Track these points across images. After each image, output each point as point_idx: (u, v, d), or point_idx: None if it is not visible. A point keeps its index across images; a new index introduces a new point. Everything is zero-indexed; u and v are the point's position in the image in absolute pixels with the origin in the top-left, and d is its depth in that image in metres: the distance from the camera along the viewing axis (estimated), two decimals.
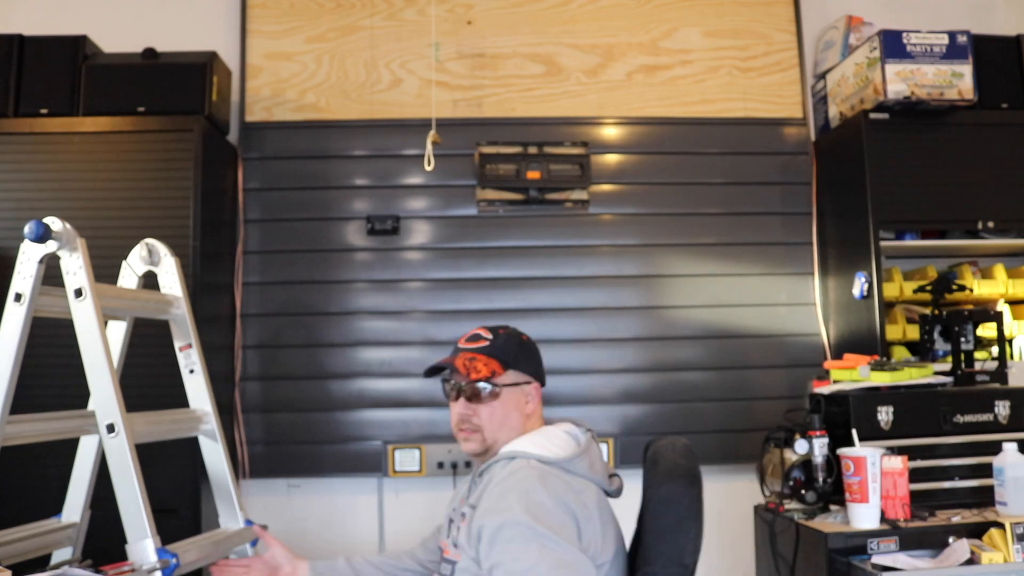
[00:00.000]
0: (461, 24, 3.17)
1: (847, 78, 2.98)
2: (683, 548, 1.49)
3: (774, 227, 3.13)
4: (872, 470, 2.05)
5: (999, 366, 2.52)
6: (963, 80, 2.76)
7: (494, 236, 3.06)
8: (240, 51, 3.09)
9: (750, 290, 3.10)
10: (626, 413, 3.02)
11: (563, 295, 3.05)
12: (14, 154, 2.62)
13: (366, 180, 3.06)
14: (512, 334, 1.69)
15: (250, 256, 3.00)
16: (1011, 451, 2.12)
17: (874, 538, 2.02)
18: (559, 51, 3.18)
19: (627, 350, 3.04)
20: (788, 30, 3.25)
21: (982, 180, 2.85)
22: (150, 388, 2.53)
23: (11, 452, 2.48)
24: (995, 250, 3.04)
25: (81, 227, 2.57)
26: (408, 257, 3.04)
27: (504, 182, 3.06)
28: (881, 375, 2.34)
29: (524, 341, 1.69)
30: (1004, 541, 1.98)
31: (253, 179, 3.03)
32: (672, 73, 3.20)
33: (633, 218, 3.10)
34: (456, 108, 3.11)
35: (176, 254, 2.59)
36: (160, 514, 2.47)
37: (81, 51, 2.71)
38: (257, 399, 2.94)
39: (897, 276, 2.92)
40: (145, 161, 2.63)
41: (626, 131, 3.15)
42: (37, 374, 2.53)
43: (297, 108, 3.08)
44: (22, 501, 2.48)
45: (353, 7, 3.15)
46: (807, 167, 3.17)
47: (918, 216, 2.85)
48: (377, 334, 2.99)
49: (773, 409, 2.91)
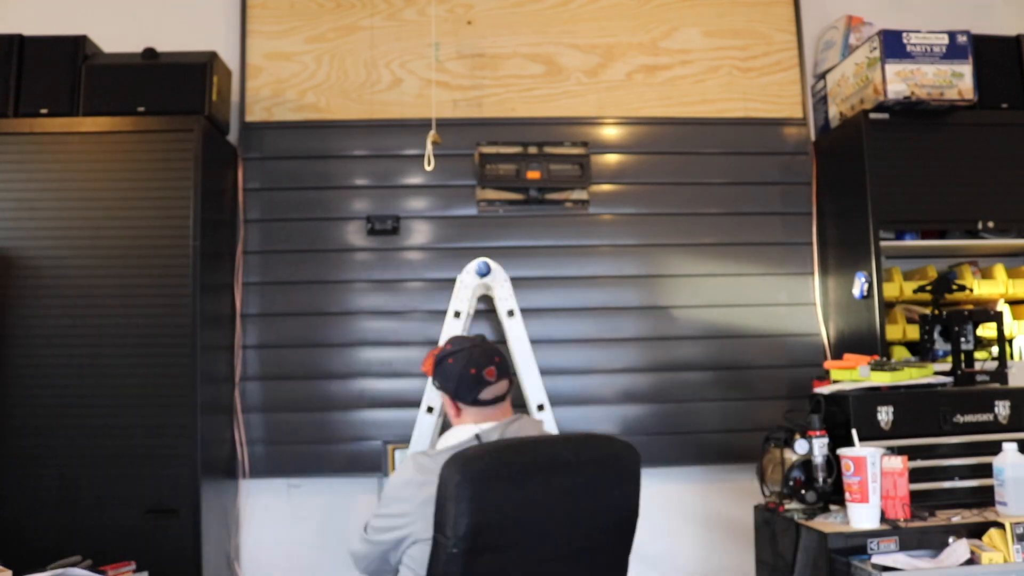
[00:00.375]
0: (461, 24, 3.17)
1: (847, 78, 2.98)
2: (445, 523, 1.62)
3: (774, 227, 3.13)
4: (872, 470, 2.05)
5: (999, 366, 2.53)
6: (963, 80, 2.76)
7: (494, 236, 3.05)
8: (240, 51, 3.09)
9: (750, 290, 3.10)
10: (626, 413, 3.02)
11: (563, 295, 3.05)
12: (14, 154, 2.62)
13: (366, 180, 3.06)
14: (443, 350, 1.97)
15: (250, 256, 3.00)
16: (1011, 451, 2.12)
17: (874, 538, 2.02)
18: (559, 51, 3.18)
19: (627, 350, 3.04)
20: (788, 30, 3.25)
21: (982, 180, 2.85)
22: (151, 387, 2.55)
23: (11, 452, 2.49)
24: (995, 250, 3.04)
25: (81, 227, 2.61)
26: (408, 257, 3.04)
27: (504, 182, 3.06)
28: (881, 375, 2.34)
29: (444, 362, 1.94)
30: (1004, 541, 1.98)
31: (253, 179, 3.03)
32: (672, 73, 3.20)
33: (633, 218, 3.10)
34: (456, 108, 3.11)
35: (175, 254, 2.61)
36: (160, 514, 2.51)
37: (81, 51, 2.71)
38: (257, 399, 2.94)
39: (897, 276, 2.92)
40: (145, 161, 2.63)
41: (626, 131, 3.15)
42: (37, 374, 2.54)
43: (297, 108, 3.08)
44: (22, 501, 2.49)
45: (353, 7, 3.15)
46: (807, 167, 3.17)
47: (918, 216, 2.85)
48: (377, 334, 2.98)
49: (773, 409, 2.91)
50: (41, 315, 2.56)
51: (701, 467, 3.06)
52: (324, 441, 2.93)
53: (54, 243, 2.59)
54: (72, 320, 2.56)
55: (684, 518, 3.07)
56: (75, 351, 2.56)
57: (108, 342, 2.55)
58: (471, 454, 1.67)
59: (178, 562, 2.47)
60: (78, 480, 2.50)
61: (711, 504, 3.08)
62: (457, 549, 1.59)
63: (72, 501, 2.49)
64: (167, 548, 2.47)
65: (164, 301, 2.57)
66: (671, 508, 3.06)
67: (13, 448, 2.51)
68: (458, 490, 1.60)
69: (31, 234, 2.59)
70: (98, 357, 2.55)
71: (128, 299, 2.57)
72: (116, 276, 2.59)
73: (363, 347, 2.98)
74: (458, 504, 1.59)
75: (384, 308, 3.00)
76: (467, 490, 1.60)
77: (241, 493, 2.94)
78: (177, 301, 2.57)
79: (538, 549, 1.68)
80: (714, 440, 3.01)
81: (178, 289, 2.57)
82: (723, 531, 3.06)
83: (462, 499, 1.59)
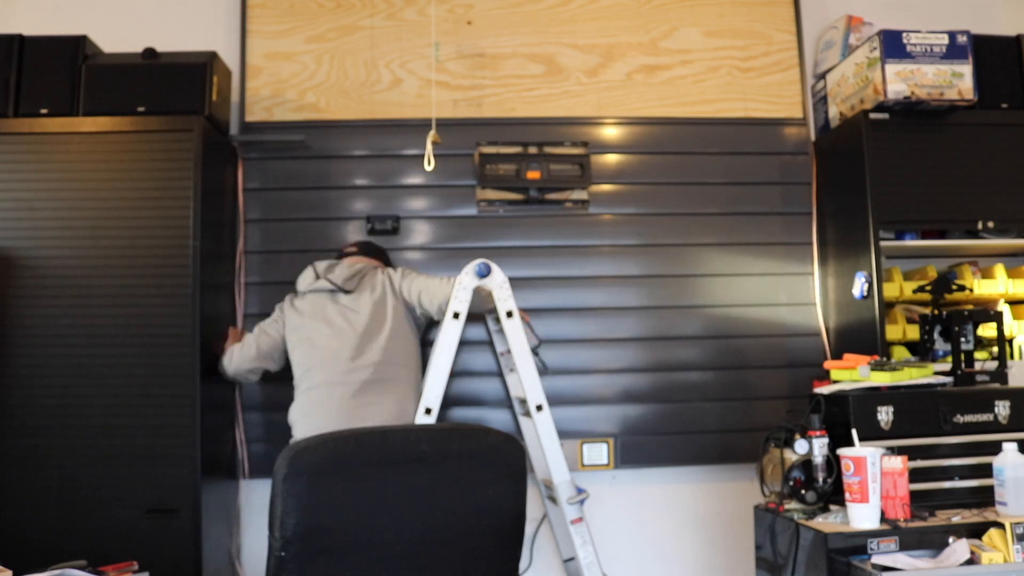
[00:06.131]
0: (461, 24, 3.17)
1: (847, 78, 2.98)
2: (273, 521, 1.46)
3: (774, 227, 3.13)
4: (872, 470, 2.05)
5: (999, 366, 2.52)
6: (963, 80, 2.76)
7: (494, 236, 3.06)
8: (240, 51, 3.09)
9: (750, 290, 3.10)
10: (626, 413, 3.02)
11: (563, 295, 3.05)
12: (14, 154, 2.62)
13: (366, 180, 3.06)
14: None
15: (250, 256, 3.00)
16: (1011, 451, 2.12)
17: (874, 538, 2.02)
18: (559, 51, 3.19)
19: (627, 350, 3.04)
20: (788, 30, 3.25)
21: (982, 180, 2.85)
22: (151, 387, 2.55)
23: (11, 452, 2.49)
24: (995, 250, 3.04)
25: (81, 227, 2.61)
26: (408, 257, 3.04)
27: (504, 182, 3.06)
28: (881, 375, 2.34)
29: None
30: (1004, 541, 1.98)
31: (253, 179, 3.03)
32: (672, 73, 3.20)
33: (633, 218, 3.10)
34: (456, 108, 3.11)
35: (175, 254, 2.61)
36: (160, 514, 2.51)
37: (81, 51, 2.71)
38: (257, 399, 2.94)
39: (897, 276, 2.92)
40: (145, 161, 2.63)
41: (626, 131, 3.15)
42: (37, 374, 2.54)
43: (297, 108, 3.08)
44: (22, 501, 2.49)
45: (353, 7, 3.15)
46: (807, 167, 3.17)
47: (918, 216, 2.85)
48: None
49: (773, 409, 2.92)
50: (41, 315, 2.56)
51: (701, 467, 3.06)
52: None
53: (54, 243, 2.59)
54: (72, 320, 2.56)
55: (684, 518, 3.07)
56: (75, 351, 2.56)
57: (108, 342, 2.55)
58: (303, 445, 1.49)
59: (178, 562, 2.47)
60: (78, 480, 2.50)
61: (711, 504, 3.08)
62: (286, 552, 1.43)
63: (72, 501, 2.49)
64: (167, 548, 2.47)
65: (164, 301, 2.57)
66: (671, 508, 3.06)
67: (13, 448, 2.51)
68: (285, 486, 1.43)
69: (31, 234, 2.59)
70: (98, 357, 2.55)
71: (128, 299, 2.57)
72: (116, 276, 2.59)
73: None
74: (285, 501, 1.43)
75: None
76: (295, 486, 1.43)
77: (241, 493, 2.94)
78: (177, 301, 2.57)
79: (385, 555, 1.50)
80: (714, 440, 3.01)
81: (178, 289, 2.57)
82: (723, 531, 3.06)
83: (289, 496, 1.43)
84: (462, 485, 1.56)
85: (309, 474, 1.45)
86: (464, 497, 1.56)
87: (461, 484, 1.56)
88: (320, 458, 1.47)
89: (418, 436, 1.59)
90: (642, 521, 3.06)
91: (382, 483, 1.50)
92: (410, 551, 1.52)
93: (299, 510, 1.43)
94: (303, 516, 1.43)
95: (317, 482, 1.45)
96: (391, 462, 1.52)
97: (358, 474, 1.48)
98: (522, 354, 2.59)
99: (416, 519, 1.52)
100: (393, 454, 1.54)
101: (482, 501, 1.57)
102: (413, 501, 1.52)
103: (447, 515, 1.55)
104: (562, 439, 2.65)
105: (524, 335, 2.60)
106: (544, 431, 2.56)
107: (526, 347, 2.60)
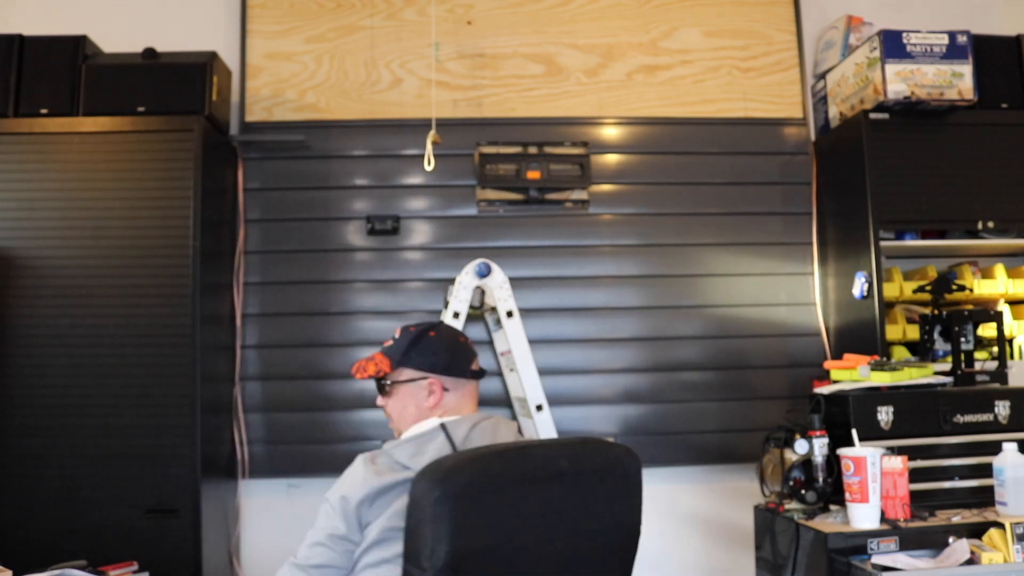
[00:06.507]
0: (461, 24, 3.17)
1: (847, 78, 2.98)
2: (419, 551, 1.36)
3: (774, 227, 3.13)
4: (872, 470, 2.05)
5: (999, 366, 2.53)
6: (963, 80, 2.76)
7: (494, 236, 3.06)
8: (240, 51, 3.09)
9: (750, 290, 3.10)
10: (626, 413, 3.02)
11: (563, 295, 3.05)
12: (14, 154, 2.62)
13: (366, 180, 3.06)
14: (412, 332, 1.72)
15: (250, 256, 3.00)
16: (1011, 451, 2.12)
17: (874, 538, 2.02)
18: (559, 51, 3.18)
19: (627, 350, 3.04)
20: (788, 30, 3.25)
21: (982, 180, 2.85)
22: (151, 387, 2.55)
23: (11, 452, 2.49)
24: (995, 250, 3.04)
25: (81, 227, 2.61)
26: (408, 257, 3.04)
27: (504, 182, 3.06)
28: (881, 375, 2.34)
29: (424, 337, 1.70)
30: (1004, 541, 1.98)
31: (253, 179, 3.03)
32: (672, 73, 3.20)
33: (633, 218, 3.10)
34: (456, 108, 3.11)
35: (175, 254, 2.61)
36: (160, 514, 2.51)
37: (81, 51, 2.71)
38: (257, 399, 2.94)
39: (897, 276, 2.92)
40: (145, 161, 2.63)
41: (626, 131, 3.15)
42: (37, 374, 2.54)
43: (297, 108, 3.08)
44: (22, 501, 2.49)
45: (353, 7, 3.15)
46: (807, 167, 3.17)
47: (918, 216, 2.85)
48: (377, 334, 2.98)
49: (773, 409, 2.92)
50: (41, 315, 2.56)
51: (701, 467, 3.06)
52: (324, 441, 2.93)
53: (54, 243, 2.59)
54: (72, 320, 2.56)
55: (684, 518, 3.07)
56: (75, 351, 2.56)
57: (108, 342, 2.55)
58: (450, 464, 1.38)
59: (178, 562, 2.47)
60: (78, 480, 2.50)
61: (711, 504, 3.08)
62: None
63: (72, 501, 2.49)
64: (167, 548, 2.47)
65: (164, 301, 2.57)
66: (671, 508, 3.06)
67: (13, 448, 2.51)
68: (436, 509, 1.31)
69: (31, 234, 2.59)
70: (98, 357, 2.55)
71: (128, 299, 2.57)
72: (116, 276, 2.59)
73: (363, 347, 2.97)
74: (436, 527, 1.31)
75: (384, 308, 3.00)
76: (448, 509, 1.31)
77: (241, 493, 2.94)
78: (177, 301, 2.57)
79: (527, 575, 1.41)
80: (714, 440, 3.01)
81: (178, 289, 2.57)
82: (723, 531, 3.06)
83: (441, 520, 1.31)
84: (596, 500, 1.49)
85: (461, 496, 1.33)
86: (598, 513, 1.49)
87: (596, 499, 1.49)
88: (472, 477, 1.37)
89: (556, 451, 1.52)
90: (642, 521, 3.05)
91: (528, 502, 1.41)
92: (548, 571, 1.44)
93: (451, 536, 1.31)
94: (454, 542, 1.32)
95: (469, 504, 1.34)
96: (533, 479, 1.43)
97: (506, 494, 1.39)
98: (523, 353, 2.59)
99: (560, 539, 1.44)
100: (535, 470, 1.45)
101: (612, 516, 1.51)
102: (558, 519, 1.44)
103: (584, 533, 1.47)
104: None
105: (524, 335, 2.60)
106: (544, 431, 2.56)
107: (526, 347, 2.60)
